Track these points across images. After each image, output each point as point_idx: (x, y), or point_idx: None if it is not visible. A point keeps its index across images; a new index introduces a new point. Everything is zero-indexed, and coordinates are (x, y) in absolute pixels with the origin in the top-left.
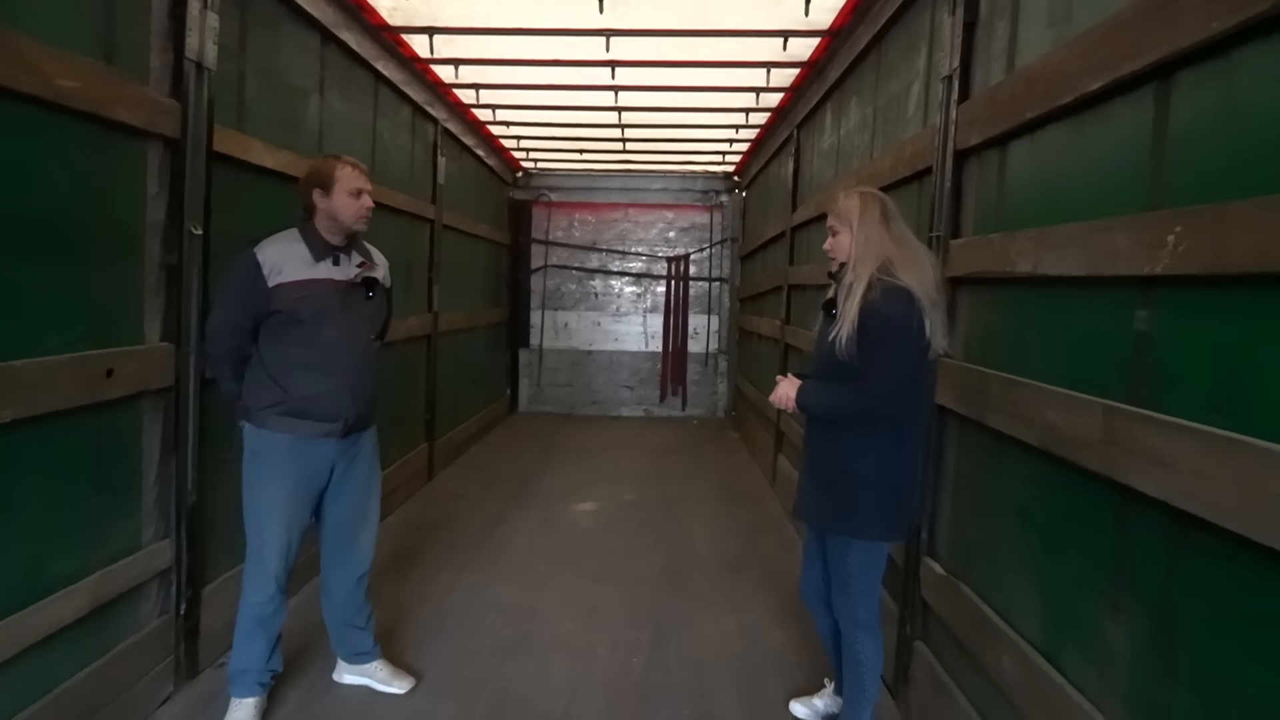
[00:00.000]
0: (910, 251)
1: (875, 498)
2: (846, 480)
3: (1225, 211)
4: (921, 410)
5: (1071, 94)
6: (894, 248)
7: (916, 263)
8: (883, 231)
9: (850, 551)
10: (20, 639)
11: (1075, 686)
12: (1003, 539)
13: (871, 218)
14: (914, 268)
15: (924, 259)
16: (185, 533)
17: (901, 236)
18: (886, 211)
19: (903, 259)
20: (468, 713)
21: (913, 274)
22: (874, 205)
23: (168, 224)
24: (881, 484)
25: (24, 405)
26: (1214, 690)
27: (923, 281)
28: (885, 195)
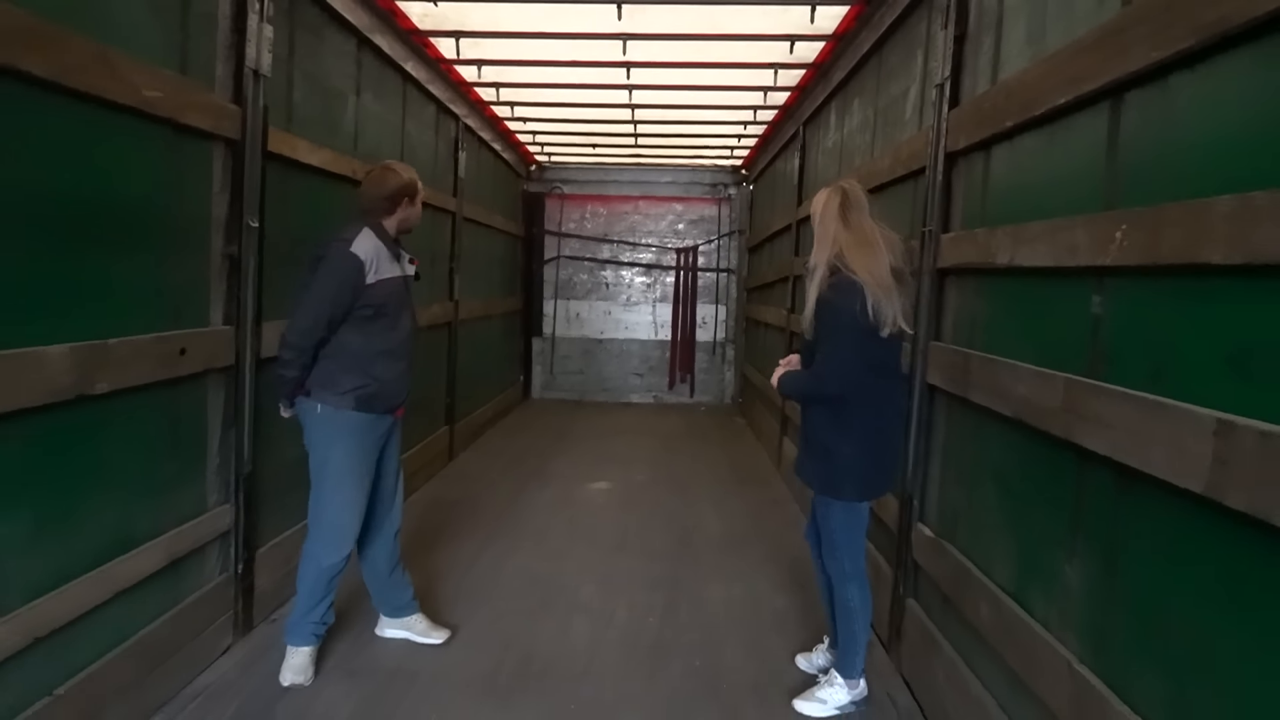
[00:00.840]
0: (864, 240)
1: (853, 465)
2: (829, 450)
3: (1160, 213)
4: (889, 384)
5: (1043, 106)
6: (847, 236)
7: (869, 251)
8: (838, 223)
9: (832, 511)
10: (112, 585)
11: (1041, 624)
12: (983, 501)
13: (830, 210)
14: (866, 257)
15: (878, 248)
16: (242, 499)
17: (858, 226)
18: (846, 203)
19: (855, 248)
20: (499, 664)
21: (863, 263)
22: (834, 198)
23: (229, 218)
24: (859, 453)
25: (115, 379)
26: (1146, 614)
27: (874, 270)
28: (852, 187)
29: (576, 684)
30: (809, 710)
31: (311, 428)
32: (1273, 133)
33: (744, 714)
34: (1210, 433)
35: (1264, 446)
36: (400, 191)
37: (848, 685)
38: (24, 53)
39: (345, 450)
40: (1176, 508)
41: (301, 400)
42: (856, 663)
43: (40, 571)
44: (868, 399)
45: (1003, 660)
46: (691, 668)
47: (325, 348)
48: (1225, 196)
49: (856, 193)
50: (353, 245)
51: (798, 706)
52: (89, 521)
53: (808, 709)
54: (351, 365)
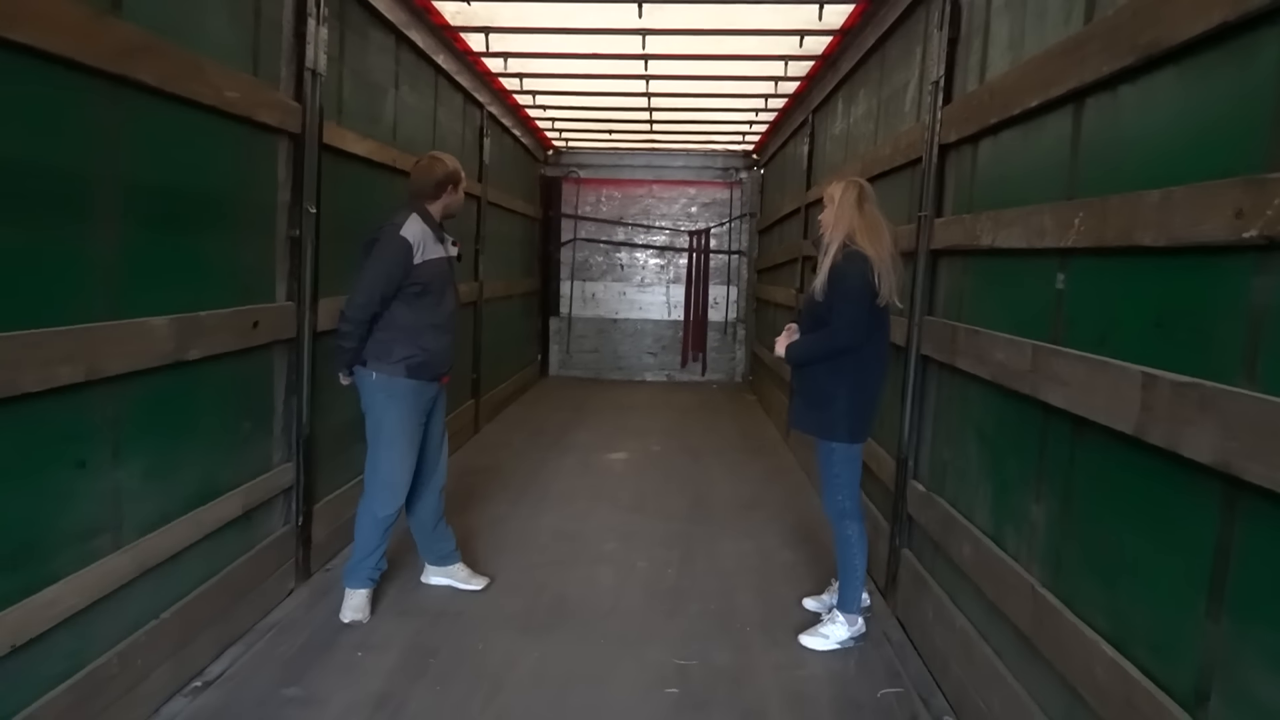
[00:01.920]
0: (873, 226)
1: (847, 410)
2: (830, 398)
3: (1106, 202)
4: (880, 342)
5: (1020, 106)
6: (860, 222)
7: (877, 236)
8: (855, 210)
9: (834, 455)
10: (203, 527)
11: (1012, 557)
12: (966, 456)
13: (848, 199)
14: (874, 239)
15: (884, 233)
16: (302, 459)
17: (869, 214)
18: (861, 195)
19: (866, 231)
20: (533, 605)
21: (871, 244)
22: (852, 190)
23: (291, 204)
24: (853, 401)
25: (205, 347)
26: (1090, 538)
27: (879, 250)
28: (865, 183)
29: (604, 621)
30: (813, 644)
31: (368, 393)
32: (1187, 137)
33: (753, 646)
34: (1139, 385)
35: (1175, 393)
36: (445, 179)
37: (847, 621)
38: (139, 64)
39: (398, 414)
40: (1114, 448)
41: (359, 369)
42: (855, 597)
43: (148, 512)
44: (861, 357)
45: (981, 592)
46: (707, 609)
47: (379, 322)
48: (1154, 190)
49: (869, 189)
50: (402, 229)
51: (803, 641)
52: (184, 471)
53: (812, 643)
54: (402, 337)
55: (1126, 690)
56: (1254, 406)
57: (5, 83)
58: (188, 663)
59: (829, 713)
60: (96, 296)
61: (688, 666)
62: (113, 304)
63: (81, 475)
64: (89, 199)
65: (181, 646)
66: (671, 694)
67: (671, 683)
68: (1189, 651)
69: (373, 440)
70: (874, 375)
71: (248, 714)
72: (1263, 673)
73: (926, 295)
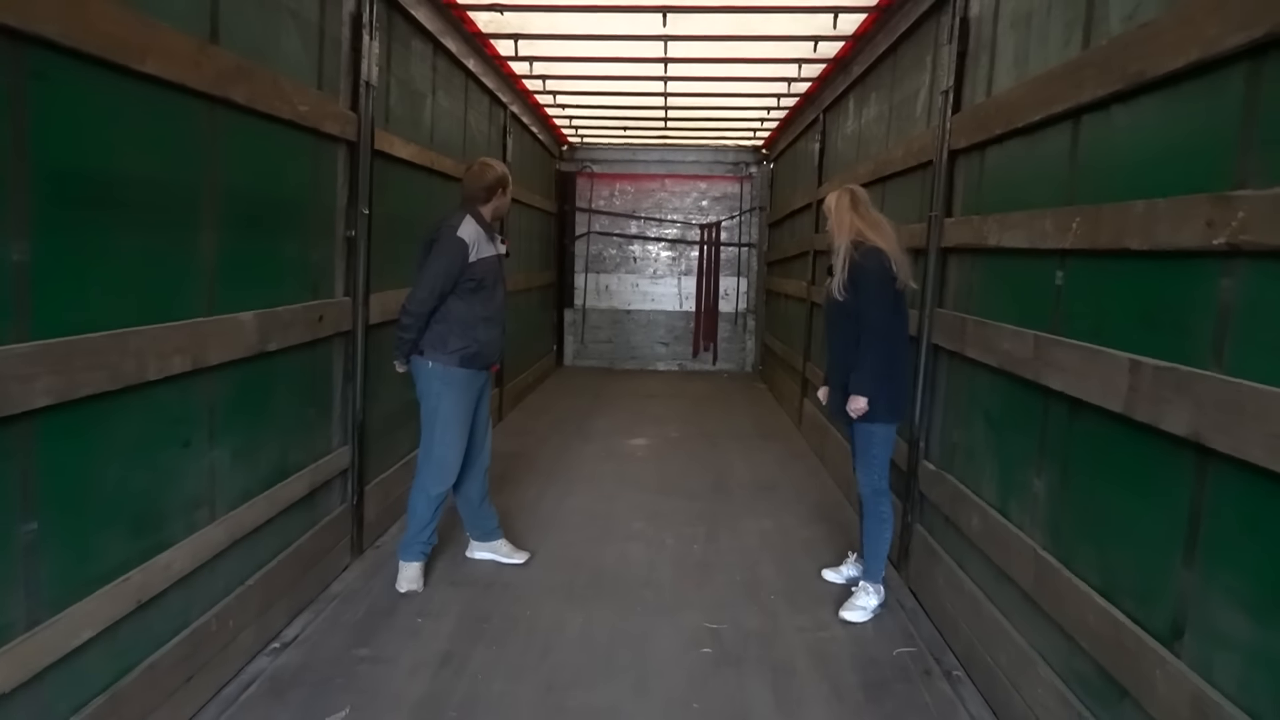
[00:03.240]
0: (874, 223)
1: (884, 393)
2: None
3: (1100, 210)
4: (903, 327)
5: (1024, 120)
6: (862, 223)
7: (882, 230)
8: (852, 214)
9: (874, 436)
10: (278, 504)
11: (1016, 526)
12: (974, 436)
13: (844, 205)
14: (881, 233)
15: (886, 227)
16: (357, 442)
17: (868, 215)
18: (855, 200)
19: (871, 228)
20: (573, 578)
21: (881, 239)
22: (845, 197)
23: (348, 207)
24: (886, 383)
25: (280, 339)
26: (1084, 505)
27: (889, 242)
28: (856, 188)
29: (640, 591)
30: (854, 617)
31: (424, 381)
32: (1168, 156)
33: (779, 612)
34: (1127, 369)
35: (1156, 376)
36: (496, 183)
37: (876, 591)
38: (233, 85)
39: (452, 400)
40: (1106, 425)
41: (416, 358)
42: (881, 568)
43: (236, 488)
44: (892, 341)
45: (988, 558)
46: (733, 580)
47: (436, 314)
48: (1140, 201)
49: (861, 192)
50: (459, 231)
51: (844, 615)
52: (263, 453)
53: (853, 616)
54: (458, 329)
55: (1115, 633)
56: (1220, 386)
57: (135, 107)
58: (267, 626)
59: (850, 668)
60: (199, 294)
61: (720, 629)
62: (211, 301)
63: (186, 454)
64: (193, 207)
65: (263, 611)
66: (707, 653)
67: (706, 644)
68: (1166, 596)
69: (428, 424)
70: (899, 355)
71: (327, 670)
72: (1226, 610)
73: (937, 289)
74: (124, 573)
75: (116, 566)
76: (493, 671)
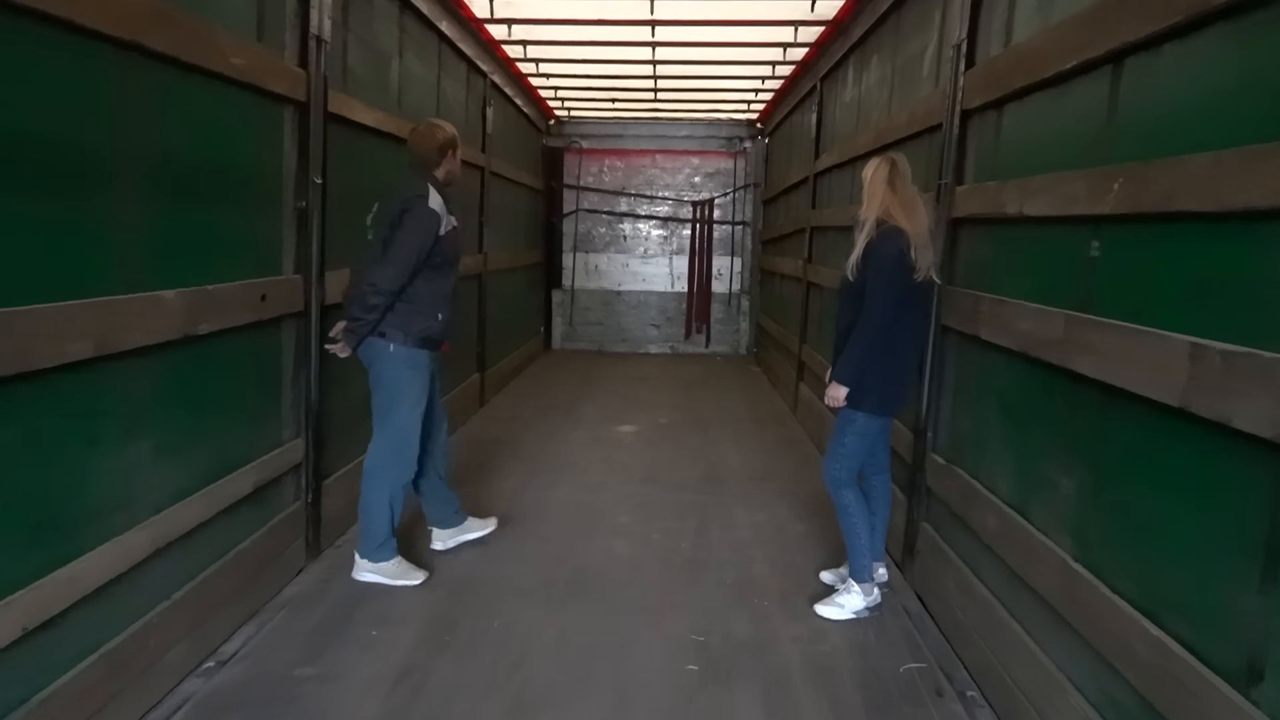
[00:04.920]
0: (908, 201)
1: (876, 383)
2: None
3: (1148, 168)
4: (916, 322)
5: (1050, 70)
6: (894, 198)
7: (913, 211)
8: (887, 187)
9: (853, 423)
10: (216, 504)
11: (1039, 530)
12: (988, 428)
13: (880, 176)
14: (910, 215)
15: (919, 209)
16: (312, 434)
17: (903, 190)
18: (895, 171)
19: (901, 207)
20: (553, 578)
21: (908, 219)
22: (884, 167)
23: (298, 175)
24: (884, 373)
25: (215, 320)
26: (1124, 511)
27: (915, 225)
28: (900, 159)
29: (623, 592)
30: (829, 613)
31: (385, 365)
32: (1236, 101)
33: (773, 617)
34: (1186, 355)
35: (1225, 363)
36: (446, 144)
37: (862, 590)
38: (147, 31)
39: (416, 382)
40: (1152, 418)
41: (374, 341)
42: (863, 565)
43: (165, 488)
44: (898, 332)
45: (1005, 564)
46: (724, 581)
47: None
48: (1201, 154)
49: (903, 164)
50: (429, 201)
51: (819, 610)
52: (197, 448)
53: (828, 612)
54: (422, 308)
55: (1164, 663)
56: None
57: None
58: (205, 641)
59: (852, 685)
60: (108, 270)
61: (709, 639)
62: (125, 278)
63: (94, 452)
64: (103, 171)
65: (199, 624)
66: (693, 669)
67: (693, 656)
68: (1237, 627)
69: (388, 410)
70: (905, 350)
71: (265, 692)
72: None
73: (946, 265)
74: (9, 593)
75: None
76: (455, 689)
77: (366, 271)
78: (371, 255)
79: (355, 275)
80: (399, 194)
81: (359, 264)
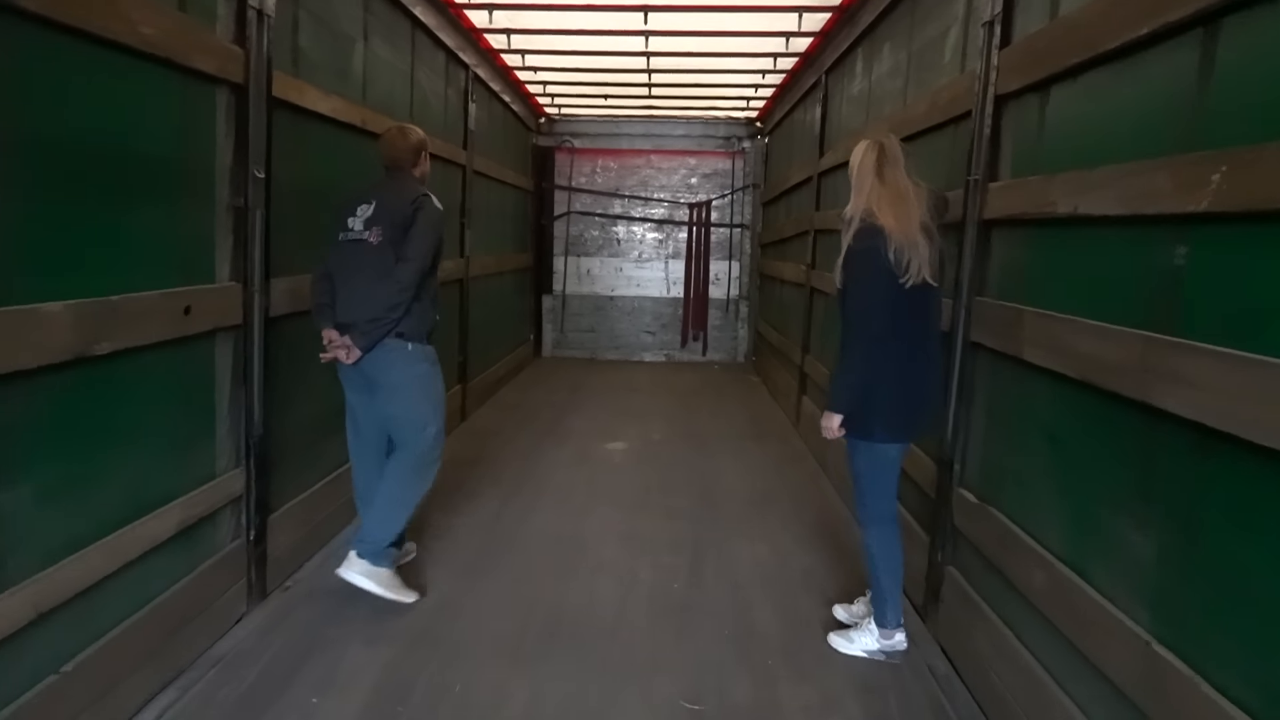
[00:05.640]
0: (896, 195)
1: (881, 407)
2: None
3: (1261, 153)
4: (916, 331)
5: (1115, 40)
6: (881, 190)
7: (900, 204)
8: (874, 176)
9: (859, 451)
10: (125, 553)
11: (1105, 596)
12: (1033, 465)
13: (868, 164)
14: (897, 209)
15: (909, 202)
16: (254, 463)
17: (892, 181)
18: (882, 157)
19: (887, 201)
20: (525, 626)
21: (893, 215)
22: (871, 153)
23: (234, 168)
24: (889, 396)
25: (120, 337)
26: (1234, 590)
27: (901, 222)
28: (890, 142)
29: (604, 646)
30: (839, 645)
31: (408, 365)
32: None
33: (777, 679)
34: None
35: None
36: (420, 145)
37: (880, 633)
38: None
39: (439, 377)
40: (1266, 471)
41: (390, 343)
42: (887, 611)
43: (52, 537)
44: (897, 344)
45: (1055, 629)
46: (720, 631)
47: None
48: None
49: (893, 148)
50: (434, 199)
51: (831, 640)
52: (98, 489)
53: (838, 643)
54: (428, 306)
55: None
56: None
57: None
58: (110, 713)
59: None
60: None
61: (704, 707)
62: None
63: None
64: None
65: (103, 694)
66: None
67: None
68: None
69: (417, 410)
70: (909, 366)
71: None
72: None
73: (976, 272)
74: None
75: None
76: None
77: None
78: (378, 256)
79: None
80: (397, 194)
81: (345, 269)
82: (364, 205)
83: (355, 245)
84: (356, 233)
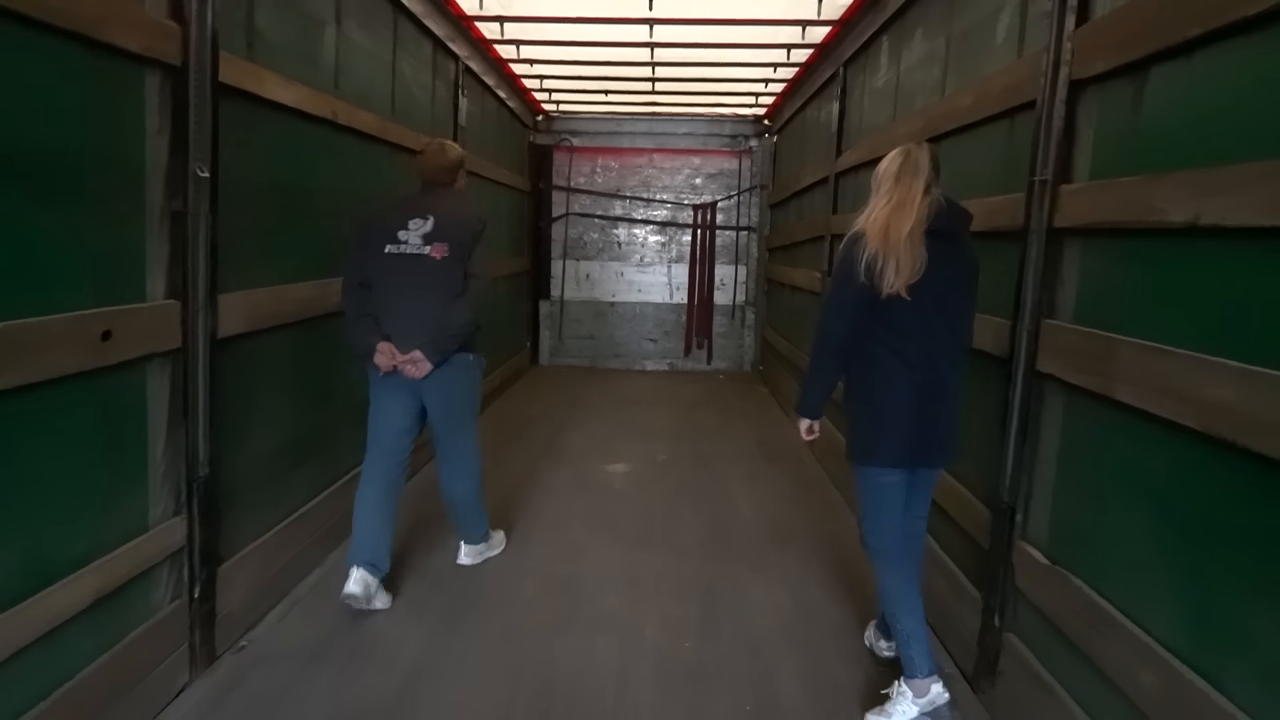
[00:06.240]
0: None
1: (865, 429)
2: (850, 414)
3: None
4: (897, 343)
5: (1257, 7)
6: (888, 198)
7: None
8: (891, 183)
9: (855, 476)
10: (21, 635)
11: (1244, 712)
12: (1130, 529)
13: (889, 170)
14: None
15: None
16: (197, 509)
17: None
18: (904, 166)
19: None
20: (510, 700)
21: (882, 219)
22: (895, 160)
23: (171, 165)
24: (871, 417)
25: (14, 374)
26: None
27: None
28: (915, 148)
29: None
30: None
31: (467, 376)
32: None
33: None
34: None
35: None
36: (459, 161)
37: (913, 693)
38: None
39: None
40: None
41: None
42: (914, 656)
43: None
44: (877, 361)
45: None
46: (739, 705)
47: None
48: None
49: (920, 157)
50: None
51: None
52: None
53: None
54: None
55: None
56: None
57: None
58: None
59: None
60: None
61: None
62: None
63: None
64: None
65: None
66: None
67: None
68: None
69: (469, 417)
70: (888, 382)
71: None
72: None
73: (1043, 290)
74: None
75: None
76: None
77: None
78: (446, 271)
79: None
80: (456, 211)
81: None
82: (417, 220)
83: (412, 260)
84: (414, 246)
